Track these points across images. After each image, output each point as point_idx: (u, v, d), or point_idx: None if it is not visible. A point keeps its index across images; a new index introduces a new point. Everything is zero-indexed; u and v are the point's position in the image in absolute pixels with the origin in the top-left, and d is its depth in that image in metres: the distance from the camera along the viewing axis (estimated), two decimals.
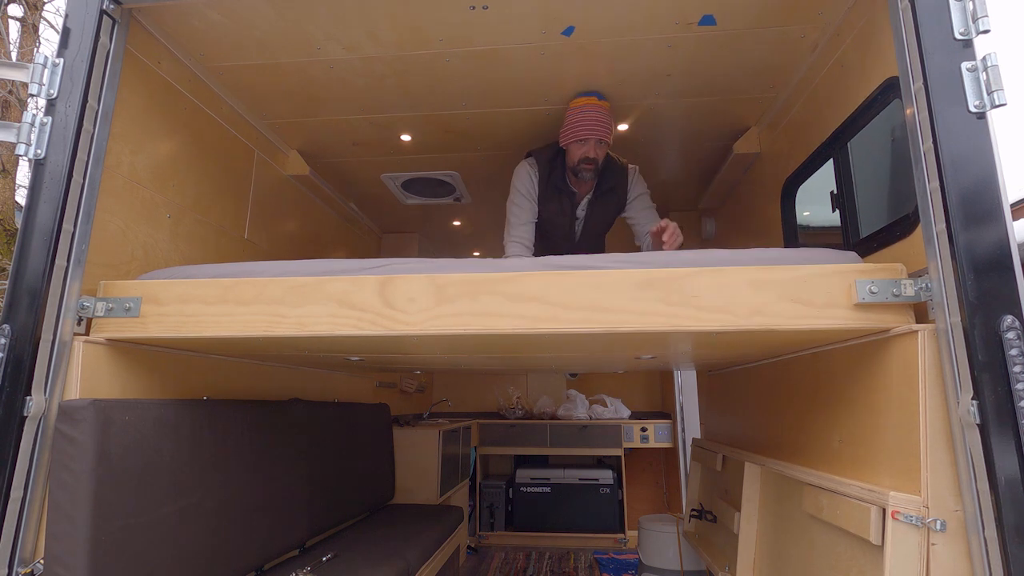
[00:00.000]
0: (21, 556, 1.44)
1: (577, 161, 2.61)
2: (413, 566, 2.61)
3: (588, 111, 2.52)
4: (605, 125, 2.53)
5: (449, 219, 4.40)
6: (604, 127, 2.53)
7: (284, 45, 2.13)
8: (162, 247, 2.06)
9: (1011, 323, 1.19)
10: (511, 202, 2.78)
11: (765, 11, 1.93)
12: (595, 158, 2.60)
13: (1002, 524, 1.13)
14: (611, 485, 4.92)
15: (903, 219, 1.59)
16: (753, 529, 2.24)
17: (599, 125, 2.52)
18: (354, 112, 2.68)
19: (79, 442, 1.48)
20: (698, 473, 3.21)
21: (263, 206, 2.82)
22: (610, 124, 2.56)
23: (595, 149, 2.58)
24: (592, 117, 2.51)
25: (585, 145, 2.57)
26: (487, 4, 1.90)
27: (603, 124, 2.52)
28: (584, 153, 2.59)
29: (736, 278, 1.45)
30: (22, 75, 1.63)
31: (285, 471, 2.41)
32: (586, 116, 2.52)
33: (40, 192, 1.56)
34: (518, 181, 2.77)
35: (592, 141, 2.56)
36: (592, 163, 2.60)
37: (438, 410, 5.49)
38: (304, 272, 1.62)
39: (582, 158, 2.59)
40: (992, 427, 1.16)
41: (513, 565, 4.41)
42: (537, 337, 1.56)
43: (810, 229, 2.45)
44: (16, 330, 1.48)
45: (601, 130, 2.52)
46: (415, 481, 3.89)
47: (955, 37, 1.33)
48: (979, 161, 1.28)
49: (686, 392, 4.82)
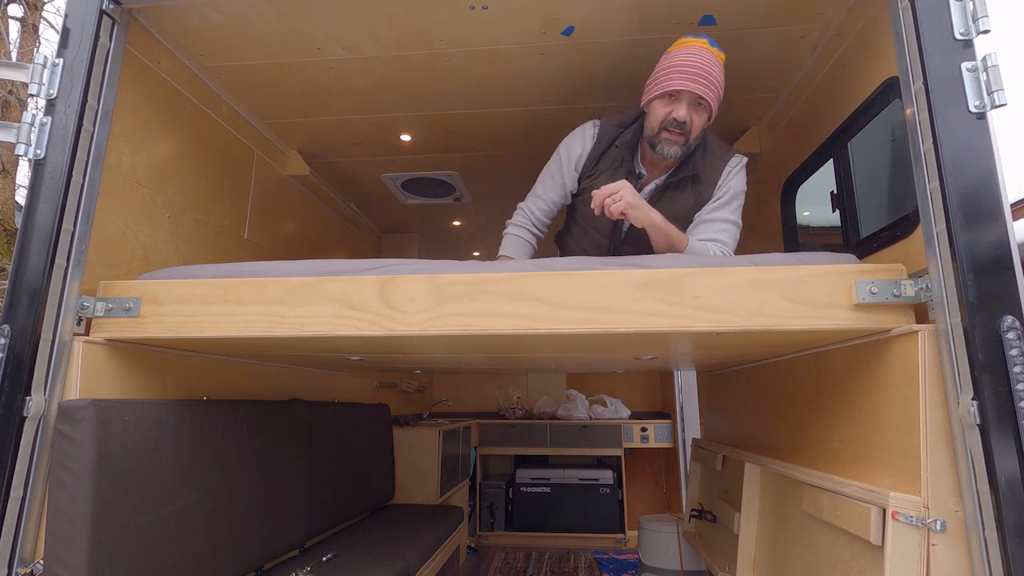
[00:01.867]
0: (21, 556, 1.44)
1: (659, 125, 1.83)
2: (413, 566, 2.61)
3: (690, 53, 1.78)
4: (711, 77, 1.77)
5: (449, 219, 4.39)
6: (709, 79, 1.77)
7: (284, 45, 2.13)
8: (162, 247, 2.06)
9: (1011, 323, 1.19)
10: (545, 170, 2.18)
11: (765, 11, 1.93)
12: (686, 122, 1.80)
13: (1002, 524, 1.13)
14: (611, 485, 4.92)
15: (903, 219, 1.59)
16: (753, 529, 2.24)
17: (702, 76, 1.75)
18: (354, 112, 2.68)
19: (79, 442, 1.48)
20: (698, 473, 3.21)
21: (263, 206, 2.82)
22: (720, 79, 1.81)
23: (689, 110, 1.80)
24: (694, 63, 1.75)
25: (674, 103, 1.81)
26: (487, 4, 1.90)
27: (708, 75, 1.76)
28: (671, 113, 1.80)
29: (736, 278, 1.45)
30: (22, 75, 1.63)
31: (285, 471, 2.41)
32: (684, 60, 1.77)
33: (40, 192, 1.56)
34: (564, 144, 2.12)
35: (686, 97, 1.79)
36: (681, 131, 1.82)
37: (438, 410, 5.49)
38: (304, 272, 1.62)
39: (667, 120, 1.81)
40: (992, 427, 1.16)
41: (513, 565, 4.41)
42: (537, 337, 1.56)
43: (810, 229, 2.45)
44: (16, 330, 1.48)
45: (704, 82, 1.76)
46: (415, 481, 3.89)
47: (955, 37, 1.33)
48: (979, 161, 1.28)
49: (686, 392, 4.81)
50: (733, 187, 1.97)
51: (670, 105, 1.81)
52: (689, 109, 1.80)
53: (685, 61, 1.77)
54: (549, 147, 2.22)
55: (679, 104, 1.80)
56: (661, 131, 1.84)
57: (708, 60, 1.77)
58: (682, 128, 1.81)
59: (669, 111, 1.81)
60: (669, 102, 1.82)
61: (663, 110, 1.82)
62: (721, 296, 1.44)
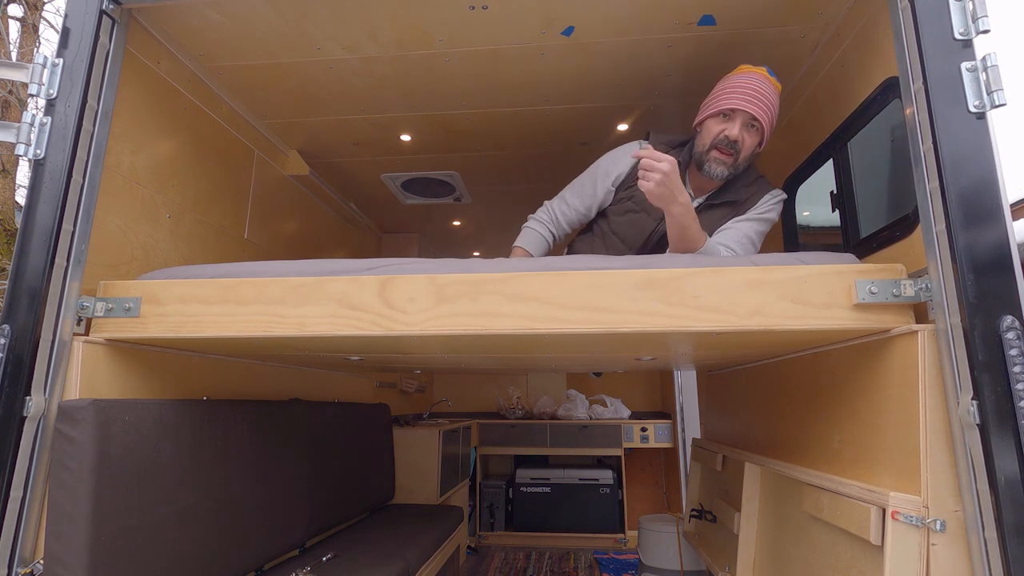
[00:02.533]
0: (21, 556, 1.44)
1: (710, 143, 1.87)
2: (413, 566, 2.61)
3: (749, 77, 1.84)
4: (767, 102, 1.82)
5: (449, 219, 4.40)
6: (764, 103, 1.82)
7: (284, 45, 2.13)
8: (162, 247, 2.06)
9: (1011, 323, 1.19)
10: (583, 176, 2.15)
11: (765, 11, 1.93)
12: (737, 141, 1.84)
13: (1002, 524, 1.13)
14: (611, 485, 4.92)
15: (903, 219, 1.59)
16: (753, 529, 2.24)
17: (758, 98, 1.80)
18: (354, 112, 2.68)
19: (79, 442, 1.48)
20: (698, 473, 3.21)
21: (263, 206, 2.82)
22: (775, 106, 1.86)
23: (742, 130, 1.84)
24: (751, 86, 1.82)
25: (729, 121, 1.85)
26: (487, 4, 1.90)
27: (764, 98, 1.81)
28: (724, 131, 1.84)
29: (735, 278, 1.45)
30: (22, 75, 1.63)
31: (285, 471, 2.41)
32: (742, 83, 1.83)
33: (40, 192, 1.56)
34: (608, 157, 2.10)
35: (740, 117, 1.83)
36: (732, 150, 1.85)
37: (438, 410, 5.49)
38: (304, 272, 1.62)
39: (719, 138, 1.85)
40: (992, 427, 1.16)
41: (513, 565, 4.41)
42: (537, 337, 1.56)
43: (810, 229, 2.45)
44: (16, 330, 1.48)
45: (760, 105, 1.81)
46: (415, 481, 3.89)
47: (955, 37, 1.33)
48: (979, 161, 1.28)
49: (686, 392, 4.82)
50: (766, 214, 2.00)
51: (724, 124, 1.85)
52: (742, 129, 1.84)
53: (743, 83, 1.83)
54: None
55: (733, 123, 1.84)
56: (711, 149, 1.87)
57: (765, 86, 1.83)
58: (733, 147, 1.85)
59: (722, 129, 1.85)
60: (723, 121, 1.86)
61: (716, 128, 1.87)
62: (721, 296, 1.44)
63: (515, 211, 4.02)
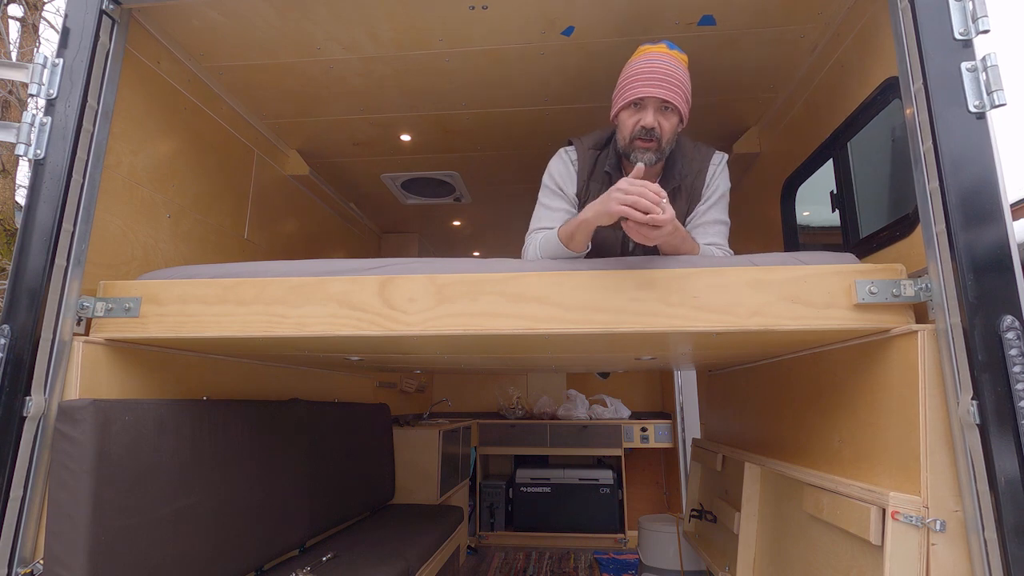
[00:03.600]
0: (21, 556, 1.44)
1: (629, 135, 1.78)
2: (413, 566, 2.61)
3: (650, 59, 1.73)
4: (675, 80, 1.72)
5: (449, 219, 4.40)
6: (673, 83, 1.72)
7: (284, 45, 2.13)
8: (162, 247, 2.06)
9: (1011, 323, 1.19)
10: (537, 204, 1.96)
11: (765, 11, 1.93)
12: (655, 128, 1.74)
13: (1002, 524, 1.14)
14: (611, 485, 4.92)
15: (903, 219, 1.59)
16: (753, 529, 2.24)
17: (664, 80, 1.70)
18: (354, 112, 2.68)
19: (79, 442, 1.48)
20: (698, 473, 3.21)
21: (263, 206, 2.82)
22: (684, 81, 1.75)
23: (656, 116, 1.74)
24: (655, 68, 1.71)
25: (641, 111, 1.75)
26: (487, 4, 1.90)
27: (671, 78, 1.71)
28: (639, 122, 1.74)
29: (736, 278, 1.45)
30: (22, 75, 1.63)
31: (285, 471, 2.41)
32: (644, 67, 1.73)
33: (40, 192, 1.56)
34: (547, 175, 1.96)
35: (652, 104, 1.73)
36: (652, 138, 1.75)
37: (438, 410, 5.49)
38: (304, 272, 1.62)
39: (636, 129, 1.75)
40: (992, 427, 1.16)
41: (513, 565, 4.41)
42: (537, 337, 1.56)
43: (810, 229, 2.45)
44: (16, 330, 1.48)
45: (667, 86, 1.71)
46: (415, 481, 3.89)
47: (955, 37, 1.33)
48: (979, 161, 1.28)
49: (686, 392, 4.82)
50: (720, 186, 1.92)
51: (637, 114, 1.76)
52: (656, 115, 1.74)
53: (646, 68, 1.73)
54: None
55: (645, 111, 1.74)
56: (632, 140, 1.78)
57: (669, 64, 1.73)
58: (651, 134, 1.75)
59: (637, 119, 1.76)
60: (636, 111, 1.76)
61: (631, 120, 1.77)
62: (721, 296, 1.44)
63: (515, 211, 4.03)
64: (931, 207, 1.33)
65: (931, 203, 1.33)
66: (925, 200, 1.34)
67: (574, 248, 1.68)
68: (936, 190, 1.30)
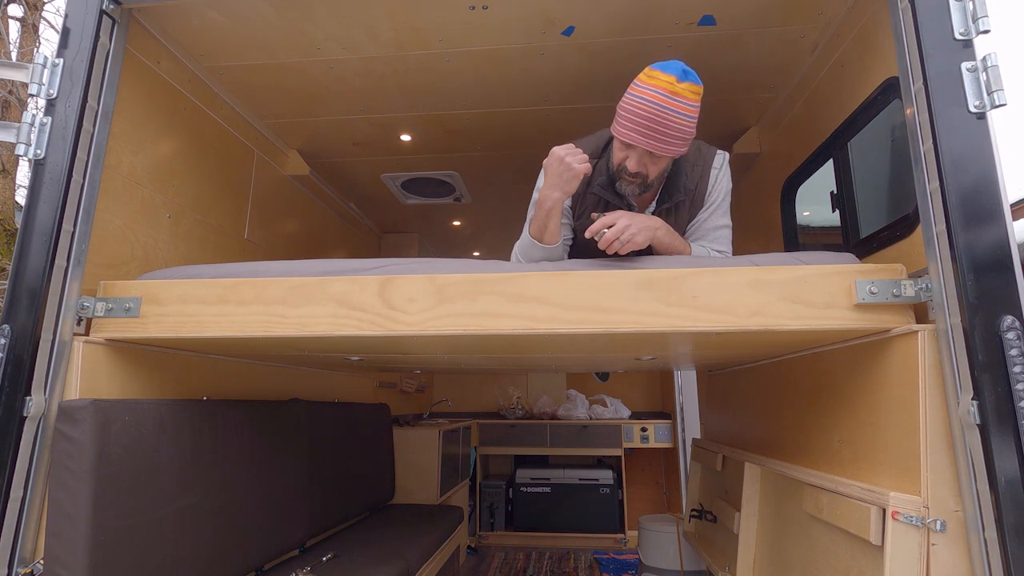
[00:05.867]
0: (21, 556, 1.44)
1: (616, 167, 1.73)
2: (413, 566, 2.61)
3: (649, 100, 1.57)
4: (671, 131, 1.58)
5: (449, 219, 4.40)
6: (668, 134, 1.59)
7: (284, 45, 2.13)
8: (162, 247, 2.06)
9: (1011, 323, 1.19)
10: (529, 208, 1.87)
11: (765, 11, 1.93)
12: (640, 172, 1.68)
13: (1002, 524, 1.13)
14: (611, 485, 4.92)
15: (903, 219, 1.59)
16: (753, 529, 2.24)
17: (656, 130, 1.58)
18: (354, 112, 2.68)
19: (79, 442, 1.48)
20: (698, 473, 3.21)
21: (263, 206, 2.82)
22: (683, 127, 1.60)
23: (641, 162, 1.66)
24: (650, 114, 1.57)
25: (629, 149, 1.67)
26: (487, 4, 1.90)
27: (666, 128, 1.58)
28: (624, 161, 1.68)
29: (736, 278, 1.45)
30: (22, 75, 1.63)
31: (285, 471, 2.41)
32: (641, 109, 1.58)
33: (40, 192, 1.56)
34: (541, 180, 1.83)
35: (639, 150, 1.64)
36: (637, 179, 1.70)
37: (438, 410, 5.49)
38: (304, 272, 1.62)
39: (622, 166, 1.70)
40: (992, 427, 1.16)
41: (513, 565, 4.41)
42: (537, 337, 1.56)
43: (810, 229, 2.45)
44: (16, 330, 1.48)
45: (658, 137, 1.59)
46: (415, 481, 3.89)
47: (955, 37, 1.33)
48: (979, 161, 1.28)
49: (686, 392, 4.82)
50: (722, 189, 1.88)
51: (626, 151, 1.68)
52: (643, 158, 1.66)
53: (641, 110, 1.59)
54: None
55: (633, 152, 1.66)
56: (619, 172, 1.73)
57: (666, 109, 1.57)
58: (638, 177, 1.70)
59: (624, 156, 1.69)
60: (625, 147, 1.68)
61: (620, 154, 1.71)
62: (721, 296, 1.44)
63: (515, 211, 4.02)
64: (931, 207, 1.32)
65: (931, 203, 1.32)
66: (925, 200, 1.34)
67: (548, 240, 1.70)
68: (936, 190, 1.30)
